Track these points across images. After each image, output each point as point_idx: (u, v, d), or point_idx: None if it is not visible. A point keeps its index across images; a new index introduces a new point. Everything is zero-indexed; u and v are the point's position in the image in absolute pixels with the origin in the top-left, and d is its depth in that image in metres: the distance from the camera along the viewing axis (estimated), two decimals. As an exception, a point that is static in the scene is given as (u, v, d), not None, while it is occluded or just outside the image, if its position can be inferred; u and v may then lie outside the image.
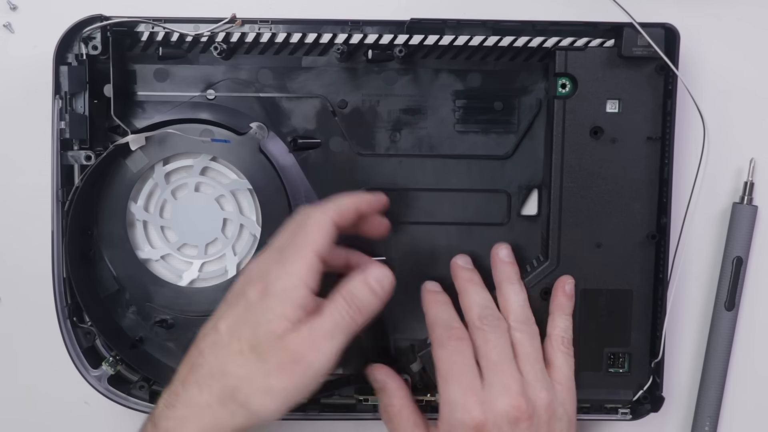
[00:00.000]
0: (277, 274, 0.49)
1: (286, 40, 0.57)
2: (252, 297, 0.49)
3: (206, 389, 0.47)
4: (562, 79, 0.57)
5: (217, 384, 0.47)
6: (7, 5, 0.59)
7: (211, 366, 0.48)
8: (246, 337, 0.48)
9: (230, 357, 0.48)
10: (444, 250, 0.60)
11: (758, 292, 0.62)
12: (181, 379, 0.49)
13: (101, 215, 0.59)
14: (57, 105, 0.56)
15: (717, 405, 0.62)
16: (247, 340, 0.48)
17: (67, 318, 0.58)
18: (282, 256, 0.50)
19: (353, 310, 0.49)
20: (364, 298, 0.50)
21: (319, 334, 0.48)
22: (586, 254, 0.57)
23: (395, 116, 0.59)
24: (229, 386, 0.47)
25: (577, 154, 0.56)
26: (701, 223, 0.62)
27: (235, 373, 0.47)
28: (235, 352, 0.48)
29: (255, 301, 0.49)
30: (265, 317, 0.48)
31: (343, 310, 0.49)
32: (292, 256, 0.49)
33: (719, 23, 0.60)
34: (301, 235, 0.50)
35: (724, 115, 0.61)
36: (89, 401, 0.63)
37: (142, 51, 0.58)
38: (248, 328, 0.48)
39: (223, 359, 0.48)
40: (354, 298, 0.50)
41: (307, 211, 0.52)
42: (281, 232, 0.53)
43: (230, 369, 0.47)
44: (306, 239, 0.50)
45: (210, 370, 0.48)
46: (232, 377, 0.47)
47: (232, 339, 0.48)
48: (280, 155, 0.59)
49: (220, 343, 0.49)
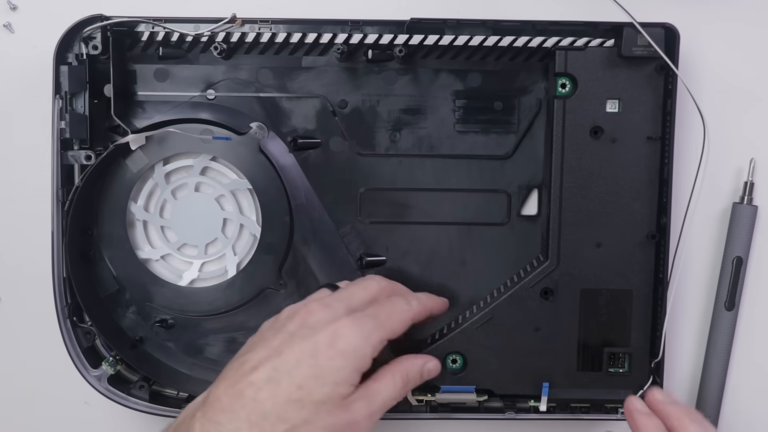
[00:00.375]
0: (350, 329, 0.49)
1: (286, 40, 0.57)
2: (321, 342, 0.48)
3: (257, 429, 0.46)
4: (562, 79, 0.57)
5: (269, 426, 0.46)
6: (7, 5, 0.59)
7: (265, 407, 0.47)
8: (307, 389, 0.47)
9: (289, 404, 0.47)
10: (444, 250, 0.60)
11: (758, 292, 0.62)
12: (224, 408, 0.47)
13: (101, 215, 0.59)
14: (57, 105, 0.56)
15: (717, 405, 0.62)
16: (309, 392, 0.47)
17: (67, 318, 0.58)
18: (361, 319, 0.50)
19: (403, 391, 0.51)
20: (412, 384, 0.52)
21: (375, 407, 0.49)
22: (586, 254, 0.57)
23: (395, 116, 0.59)
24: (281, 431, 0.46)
25: (577, 153, 0.56)
26: (701, 223, 0.62)
27: (291, 421, 0.46)
28: (294, 399, 0.47)
29: (324, 348, 0.48)
30: (332, 376, 0.47)
31: (398, 389, 0.51)
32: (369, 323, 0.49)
33: (719, 23, 0.60)
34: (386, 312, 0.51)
35: (724, 115, 0.61)
36: (89, 401, 0.63)
37: (143, 51, 0.58)
38: (313, 379, 0.47)
39: (281, 404, 0.47)
40: (408, 382, 0.52)
41: (399, 294, 0.54)
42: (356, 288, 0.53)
43: (287, 416, 0.46)
44: (387, 321, 0.50)
45: (264, 411, 0.46)
46: (286, 424, 0.46)
47: (291, 384, 0.47)
48: (280, 155, 0.59)
49: (278, 383, 0.47)
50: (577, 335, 0.58)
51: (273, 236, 0.59)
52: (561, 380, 0.58)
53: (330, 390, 0.47)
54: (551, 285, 0.57)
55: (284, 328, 0.50)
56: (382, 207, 0.60)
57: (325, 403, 0.47)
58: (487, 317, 0.58)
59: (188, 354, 0.61)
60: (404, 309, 0.52)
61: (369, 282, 0.54)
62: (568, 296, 0.58)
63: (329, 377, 0.47)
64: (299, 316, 0.50)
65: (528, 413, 0.60)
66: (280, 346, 0.48)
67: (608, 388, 0.58)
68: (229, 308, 0.60)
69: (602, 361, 0.58)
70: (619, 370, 0.58)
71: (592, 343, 0.58)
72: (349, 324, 0.49)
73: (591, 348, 0.58)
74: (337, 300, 0.51)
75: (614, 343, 0.58)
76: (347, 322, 0.49)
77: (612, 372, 0.58)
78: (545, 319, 0.57)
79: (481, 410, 0.60)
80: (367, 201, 0.59)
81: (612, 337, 0.58)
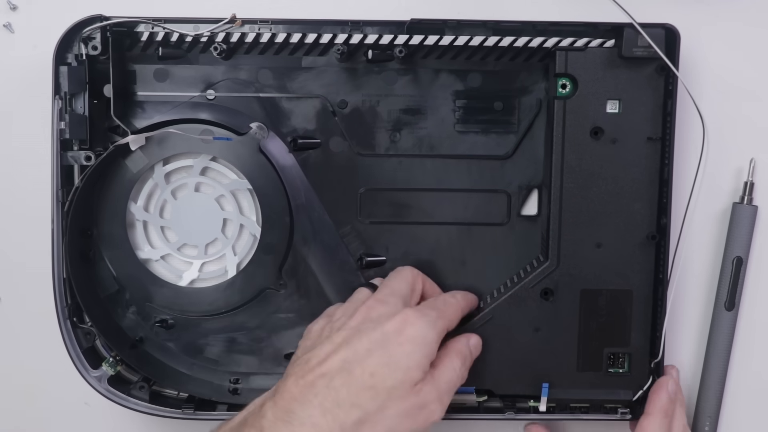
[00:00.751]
0: (417, 317, 0.51)
1: (286, 40, 0.57)
2: (390, 332, 0.50)
3: (330, 416, 0.47)
4: (563, 80, 0.56)
5: (343, 414, 0.47)
6: (7, 5, 0.59)
7: (339, 395, 0.48)
8: (380, 375, 0.48)
9: (363, 391, 0.48)
10: (444, 250, 0.60)
11: (758, 292, 0.62)
12: (296, 398, 0.48)
13: (101, 215, 0.59)
14: (57, 105, 0.56)
15: (717, 405, 0.62)
16: (381, 379, 0.48)
17: (67, 318, 0.58)
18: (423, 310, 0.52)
19: (464, 371, 0.54)
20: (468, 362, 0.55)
21: (442, 390, 0.51)
22: (586, 254, 0.57)
23: (395, 116, 0.59)
24: (356, 418, 0.48)
25: (578, 154, 0.56)
26: (701, 223, 0.62)
27: (365, 408, 0.48)
28: (368, 386, 0.48)
29: (393, 337, 0.50)
30: (404, 362, 0.49)
31: (458, 368, 0.53)
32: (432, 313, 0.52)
33: (719, 23, 0.60)
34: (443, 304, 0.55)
35: (724, 115, 0.61)
36: (89, 401, 0.63)
37: (142, 51, 0.58)
38: (385, 366, 0.49)
39: (355, 392, 0.48)
40: (464, 360, 0.54)
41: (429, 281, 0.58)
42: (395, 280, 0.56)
43: (361, 402, 0.48)
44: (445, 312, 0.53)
45: (338, 399, 0.48)
46: (361, 411, 0.48)
47: (364, 372, 0.48)
48: (280, 155, 0.59)
49: (351, 372, 0.48)
50: (577, 335, 0.58)
51: (273, 236, 0.59)
52: (561, 380, 0.58)
53: (402, 375, 0.49)
54: (551, 285, 0.57)
55: (345, 325, 0.51)
56: (382, 207, 0.60)
57: (397, 389, 0.49)
58: (487, 317, 0.58)
59: (188, 354, 0.61)
60: (454, 302, 0.56)
61: (402, 271, 0.57)
62: (568, 296, 0.58)
63: (401, 363, 0.49)
64: (360, 313, 0.52)
65: (528, 413, 0.60)
66: (348, 339, 0.50)
67: (608, 388, 0.59)
68: (229, 308, 0.60)
69: (602, 362, 0.58)
70: (618, 370, 0.58)
71: (592, 344, 0.58)
72: (414, 313, 0.51)
73: (591, 348, 0.58)
74: (387, 295, 0.53)
75: (614, 344, 0.58)
76: (412, 312, 0.51)
77: (612, 372, 0.58)
78: (545, 319, 0.58)
79: (481, 410, 0.60)
80: (367, 201, 0.59)
81: (612, 337, 0.58)
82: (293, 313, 0.60)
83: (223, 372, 0.61)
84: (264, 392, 0.57)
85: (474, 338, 0.56)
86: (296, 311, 0.60)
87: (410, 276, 0.56)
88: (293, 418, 0.47)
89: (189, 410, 0.59)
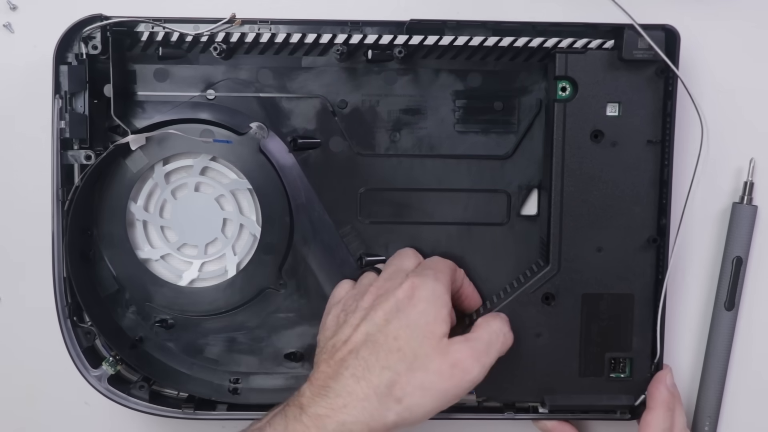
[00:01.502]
0: (420, 279, 0.52)
1: (286, 40, 0.57)
2: (401, 299, 0.51)
3: (364, 382, 0.49)
4: (563, 83, 0.56)
5: (375, 378, 0.49)
6: (7, 5, 0.59)
7: (368, 362, 0.50)
8: (404, 337, 0.50)
9: (389, 354, 0.50)
10: (444, 250, 0.60)
11: (758, 292, 0.62)
12: (330, 375, 0.50)
13: (101, 215, 0.59)
14: (57, 105, 0.56)
15: (717, 405, 0.62)
16: (406, 341, 0.50)
17: (67, 318, 0.58)
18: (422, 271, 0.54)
19: (502, 336, 0.54)
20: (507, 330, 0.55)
21: (478, 347, 0.52)
22: (587, 258, 0.57)
23: (395, 116, 0.59)
24: (387, 380, 0.49)
25: (578, 158, 0.56)
26: (701, 224, 0.62)
27: (395, 368, 0.49)
28: (394, 350, 0.50)
29: (405, 301, 0.51)
30: (423, 319, 0.51)
31: (495, 333, 0.53)
32: (429, 271, 0.53)
33: (719, 24, 0.60)
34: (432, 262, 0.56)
35: (724, 115, 0.61)
36: (89, 401, 0.63)
37: (142, 51, 0.58)
38: (405, 329, 0.50)
39: (384, 356, 0.50)
40: (503, 325, 0.55)
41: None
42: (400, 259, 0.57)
43: (390, 364, 0.49)
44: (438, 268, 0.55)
45: (367, 365, 0.49)
46: (391, 371, 0.49)
47: (388, 338, 0.50)
48: (280, 155, 0.59)
49: (375, 340, 0.50)
50: (578, 340, 0.57)
51: (273, 236, 0.59)
52: (562, 386, 0.58)
53: (424, 331, 0.50)
54: (552, 290, 0.57)
55: (359, 306, 0.53)
56: (382, 207, 0.60)
57: (423, 346, 0.50)
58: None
59: (188, 354, 0.61)
60: (441, 258, 0.57)
61: (406, 251, 0.58)
62: (569, 301, 0.57)
63: (420, 320, 0.50)
64: (370, 293, 0.53)
65: (527, 413, 0.60)
66: (365, 317, 0.52)
67: (610, 393, 0.58)
68: (229, 308, 0.60)
69: (603, 367, 0.58)
70: (620, 375, 0.58)
71: (594, 348, 0.58)
72: (417, 277, 0.52)
73: (592, 353, 0.58)
74: (393, 273, 0.55)
75: (615, 348, 0.58)
76: (415, 276, 0.53)
77: (613, 377, 0.58)
78: (547, 324, 0.57)
79: (481, 410, 0.60)
80: (366, 201, 0.59)
81: (613, 341, 0.58)
82: (293, 313, 0.61)
83: (223, 372, 0.61)
84: (264, 392, 0.57)
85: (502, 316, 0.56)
86: (296, 311, 0.60)
87: (411, 253, 0.58)
88: (329, 392, 0.49)
89: (189, 410, 0.59)
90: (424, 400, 0.49)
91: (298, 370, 0.61)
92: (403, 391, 0.49)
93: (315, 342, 0.56)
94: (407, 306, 0.51)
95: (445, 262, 0.57)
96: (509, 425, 0.62)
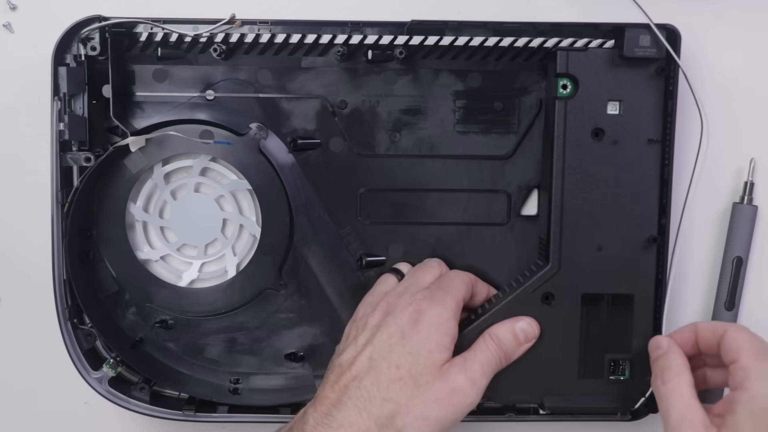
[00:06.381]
0: (426, 303, 0.52)
1: (286, 40, 0.57)
2: (405, 323, 0.52)
3: (365, 413, 0.50)
4: (563, 80, 0.56)
5: (376, 409, 0.50)
6: (7, 5, 0.59)
7: (370, 393, 0.50)
8: (405, 366, 0.51)
9: (390, 384, 0.50)
10: (444, 250, 0.60)
11: (758, 292, 0.62)
12: (333, 402, 0.51)
13: (101, 216, 0.59)
14: (56, 106, 0.56)
15: (717, 405, 0.62)
16: (407, 369, 0.51)
17: (67, 319, 0.58)
18: (433, 293, 0.54)
19: (500, 352, 0.54)
20: (508, 344, 0.55)
21: (474, 368, 0.52)
22: (587, 258, 0.57)
23: (395, 116, 0.59)
24: (388, 412, 0.50)
25: (578, 155, 0.56)
26: (701, 223, 0.62)
27: (396, 400, 0.50)
28: (395, 378, 0.50)
29: (409, 327, 0.52)
30: (425, 346, 0.51)
31: (493, 349, 0.54)
32: (439, 293, 0.54)
33: (720, 23, 0.60)
34: (447, 281, 0.55)
35: (724, 115, 0.61)
36: (89, 402, 0.63)
37: (141, 51, 0.57)
38: (407, 356, 0.51)
39: (384, 387, 0.50)
40: (502, 343, 0.55)
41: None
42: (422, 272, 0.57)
43: (391, 396, 0.50)
44: (451, 286, 0.55)
45: (368, 395, 0.50)
46: (391, 403, 0.50)
47: (390, 366, 0.51)
48: (279, 156, 0.59)
49: (378, 368, 0.51)
50: (578, 341, 0.57)
51: (273, 236, 0.59)
52: (561, 389, 0.58)
53: (425, 359, 0.51)
54: (552, 290, 0.57)
55: (367, 324, 0.54)
56: (382, 207, 0.60)
57: (423, 375, 0.50)
58: (488, 323, 0.56)
59: (188, 354, 0.61)
60: (461, 274, 0.57)
61: (431, 262, 0.58)
62: (569, 301, 0.57)
63: (422, 348, 0.51)
64: (380, 308, 0.54)
65: (527, 414, 0.60)
66: (370, 339, 0.52)
67: (609, 395, 0.58)
68: (229, 309, 0.60)
69: (603, 369, 0.58)
70: (620, 377, 0.58)
71: (593, 350, 0.57)
72: (423, 299, 0.53)
73: (592, 354, 0.58)
74: (408, 286, 0.55)
75: (615, 350, 0.58)
76: (421, 298, 0.53)
77: (613, 379, 0.58)
78: (547, 324, 0.57)
79: (481, 411, 0.60)
80: (366, 201, 0.59)
81: (613, 342, 0.58)
82: (293, 313, 0.60)
83: (224, 372, 0.61)
84: (264, 392, 0.57)
85: (522, 322, 0.56)
86: (296, 311, 0.60)
87: (437, 266, 0.58)
88: (332, 421, 0.50)
89: (190, 412, 0.59)
90: (423, 429, 0.50)
91: (299, 371, 0.61)
92: (404, 421, 0.50)
93: (315, 342, 0.56)
94: (411, 331, 0.52)
95: (462, 278, 0.56)
96: (509, 426, 0.62)
